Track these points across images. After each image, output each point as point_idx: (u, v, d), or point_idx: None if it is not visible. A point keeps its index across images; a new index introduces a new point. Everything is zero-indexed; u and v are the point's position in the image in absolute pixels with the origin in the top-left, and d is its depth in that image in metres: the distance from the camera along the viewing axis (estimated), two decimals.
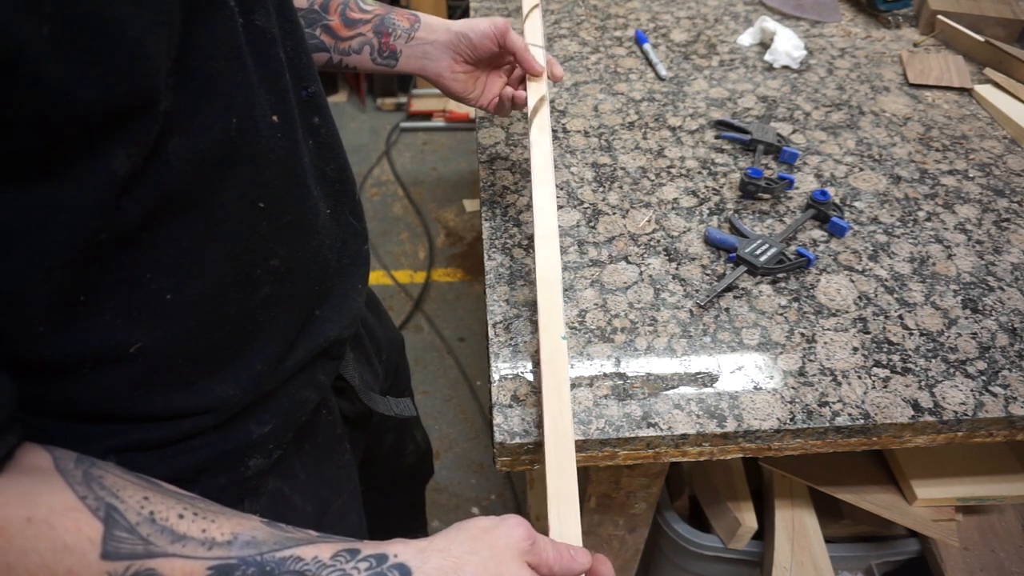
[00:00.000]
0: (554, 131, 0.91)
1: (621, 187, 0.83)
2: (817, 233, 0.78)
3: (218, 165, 0.40)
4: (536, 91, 0.69)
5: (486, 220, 0.78)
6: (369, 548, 0.40)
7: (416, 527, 1.17)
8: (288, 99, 0.46)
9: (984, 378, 0.64)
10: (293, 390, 0.54)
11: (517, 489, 1.57)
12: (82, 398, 0.42)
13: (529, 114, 0.67)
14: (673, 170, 0.86)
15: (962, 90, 1.01)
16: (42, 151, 0.32)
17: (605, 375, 0.63)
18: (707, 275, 0.72)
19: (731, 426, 0.59)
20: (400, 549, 0.40)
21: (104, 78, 0.31)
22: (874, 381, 0.63)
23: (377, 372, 0.76)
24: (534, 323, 0.67)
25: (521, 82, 0.72)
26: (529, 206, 0.80)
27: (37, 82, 0.29)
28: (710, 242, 0.76)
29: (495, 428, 0.59)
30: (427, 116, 2.59)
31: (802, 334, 0.67)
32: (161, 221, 0.38)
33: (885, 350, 0.66)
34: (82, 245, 0.35)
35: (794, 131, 0.93)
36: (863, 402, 0.61)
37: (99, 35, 0.31)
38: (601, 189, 0.83)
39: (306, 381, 0.55)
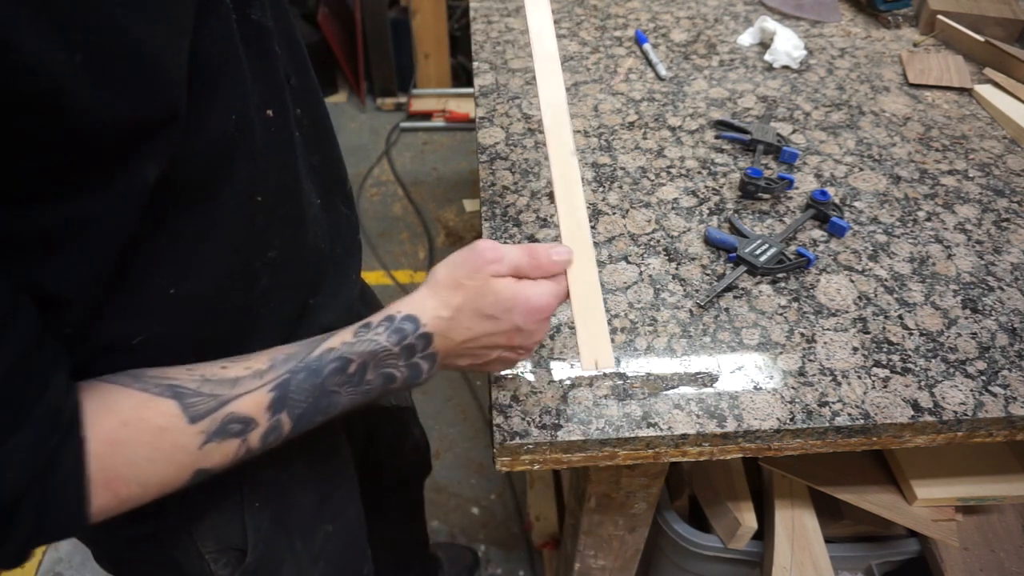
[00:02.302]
0: None
1: (621, 187, 0.83)
2: (817, 233, 0.78)
3: (218, 162, 0.41)
4: None
5: (486, 220, 0.78)
6: (377, 317, 0.47)
7: (415, 524, 1.18)
8: (283, 92, 0.47)
9: (984, 378, 0.64)
10: None
11: (517, 489, 1.57)
12: None
13: None
14: (673, 170, 0.86)
15: (962, 90, 1.01)
16: (80, 167, 0.34)
17: (605, 375, 0.63)
18: (707, 275, 0.72)
19: (731, 426, 0.59)
20: (400, 306, 0.47)
21: (132, 97, 0.33)
22: (874, 381, 0.63)
23: None
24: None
25: None
26: (529, 206, 0.80)
27: (74, 110, 0.31)
28: (710, 242, 0.76)
29: (495, 428, 0.59)
30: (427, 116, 2.59)
31: (802, 334, 0.67)
32: (163, 219, 0.40)
33: (885, 350, 0.66)
34: (119, 249, 0.38)
35: (794, 131, 0.93)
36: (863, 402, 0.61)
37: (124, 57, 0.32)
38: (601, 189, 0.83)
39: None
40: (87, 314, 0.40)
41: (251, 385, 0.42)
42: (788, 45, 1.04)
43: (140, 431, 0.39)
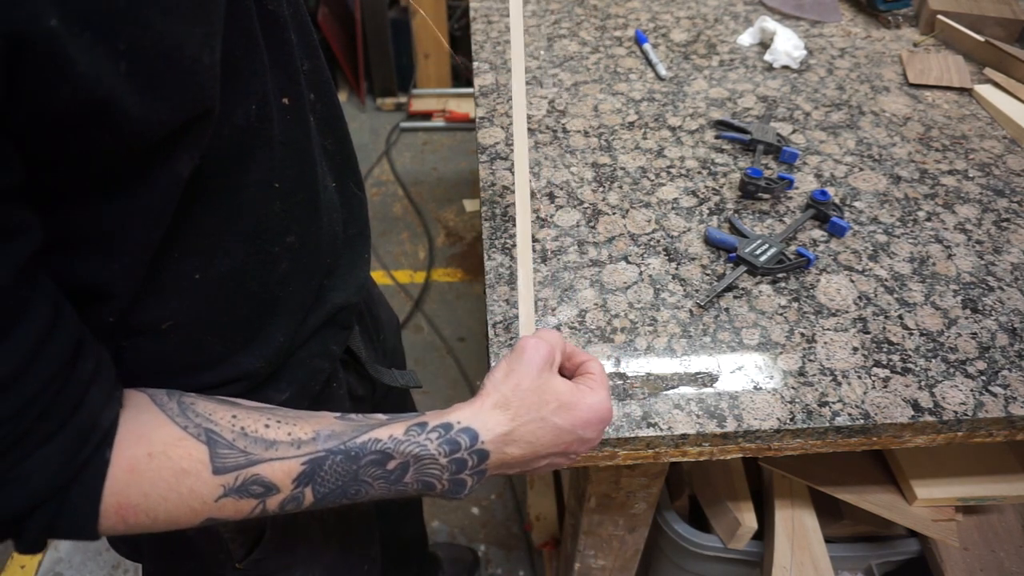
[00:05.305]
0: (553, 131, 0.91)
1: (621, 187, 0.83)
2: (817, 233, 0.78)
3: (240, 152, 0.42)
4: None
5: (486, 220, 0.78)
6: (434, 420, 0.46)
7: (412, 519, 1.18)
8: (299, 80, 0.47)
9: (984, 378, 0.64)
10: (308, 359, 0.56)
11: (517, 489, 1.57)
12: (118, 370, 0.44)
13: None
14: (673, 170, 0.86)
15: (962, 90, 1.01)
16: (122, 167, 0.35)
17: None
18: (707, 275, 0.72)
19: (731, 426, 0.59)
20: (460, 415, 0.46)
21: (173, 100, 0.34)
22: (874, 381, 0.63)
23: (378, 350, 0.78)
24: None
25: None
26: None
27: (121, 116, 0.32)
28: (710, 242, 0.76)
29: None
30: (427, 116, 2.59)
31: (802, 334, 0.67)
32: (188, 207, 0.40)
33: (885, 350, 0.66)
34: (156, 240, 0.39)
35: (794, 131, 0.93)
36: (863, 402, 0.61)
37: (165, 61, 0.33)
38: (601, 189, 0.83)
39: (319, 350, 0.57)
40: (127, 303, 0.41)
41: (286, 453, 0.42)
42: (788, 45, 1.04)
43: (163, 467, 0.39)
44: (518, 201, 0.55)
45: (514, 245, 0.75)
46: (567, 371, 0.53)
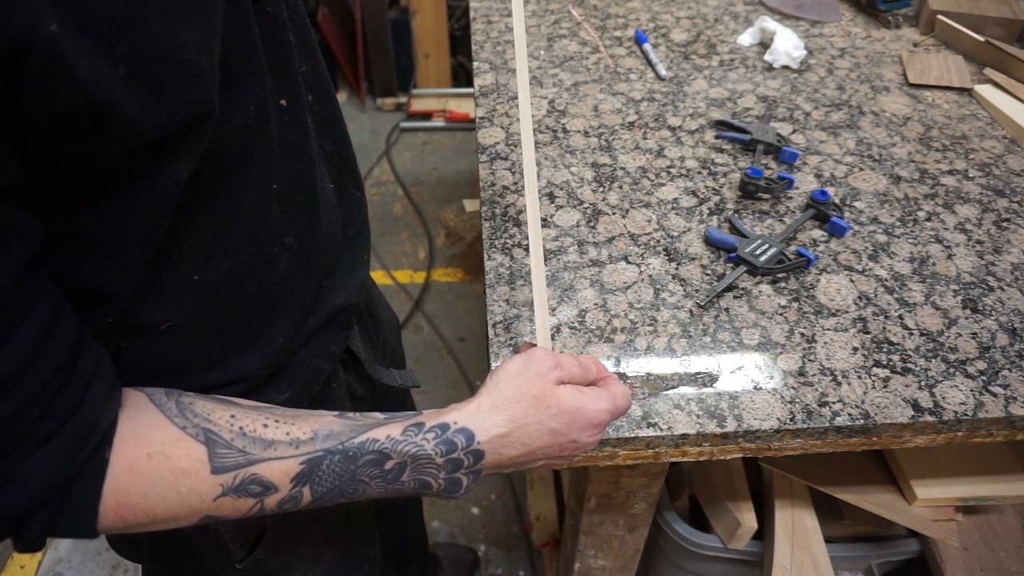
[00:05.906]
0: (554, 131, 0.91)
1: (621, 187, 0.83)
2: (817, 233, 0.78)
3: (238, 153, 0.42)
4: None
5: (486, 220, 0.78)
6: (431, 420, 0.46)
7: (412, 519, 1.18)
8: (297, 82, 0.47)
9: (984, 378, 0.64)
10: (307, 359, 0.56)
11: (517, 489, 1.57)
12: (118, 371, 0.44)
13: None
14: (673, 170, 0.86)
15: (962, 90, 1.01)
16: (122, 169, 0.35)
17: None
18: (707, 275, 0.72)
19: (731, 426, 0.59)
20: (457, 416, 0.46)
21: (172, 102, 0.34)
22: (874, 381, 0.63)
23: (378, 350, 0.78)
24: (534, 323, 0.67)
25: None
26: None
27: (121, 119, 0.32)
28: (710, 242, 0.76)
29: None
30: (427, 116, 2.59)
31: (802, 334, 0.67)
32: (187, 208, 0.41)
33: (885, 350, 0.66)
34: (156, 242, 0.39)
35: (794, 131, 0.93)
36: (863, 402, 0.61)
37: (164, 64, 0.33)
38: (601, 189, 0.83)
39: (319, 351, 0.57)
40: (126, 304, 0.41)
41: (284, 452, 0.43)
42: (788, 45, 1.04)
43: (162, 467, 0.39)
44: (530, 219, 0.55)
45: (515, 245, 0.75)
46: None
